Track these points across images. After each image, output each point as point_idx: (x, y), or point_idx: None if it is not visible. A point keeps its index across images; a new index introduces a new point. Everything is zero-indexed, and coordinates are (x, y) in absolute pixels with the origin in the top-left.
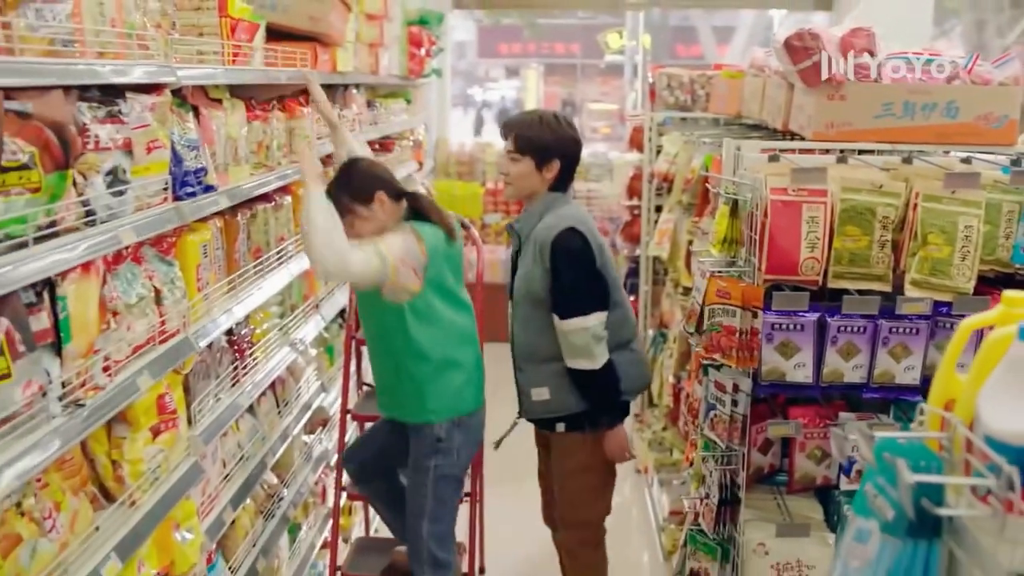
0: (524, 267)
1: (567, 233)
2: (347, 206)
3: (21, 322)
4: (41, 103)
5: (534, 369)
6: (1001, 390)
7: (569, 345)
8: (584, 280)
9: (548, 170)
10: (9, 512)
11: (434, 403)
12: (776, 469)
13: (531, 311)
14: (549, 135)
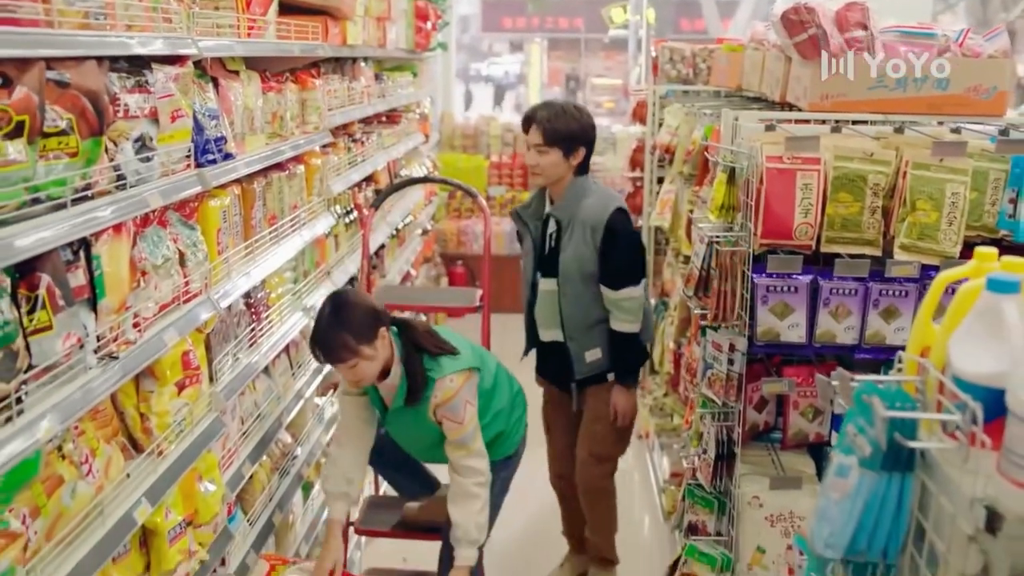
0: (573, 249)
1: (619, 214)
2: (353, 351)
3: (61, 278)
4: (78, 73)
5: (585, 335)
6: (970, 336)
7: (620, 311)
8: (635, 254)
9: (575, 157)
10: (52, 455)
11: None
12: (771, 427)
13: (583, 288)
14: (575, 125)
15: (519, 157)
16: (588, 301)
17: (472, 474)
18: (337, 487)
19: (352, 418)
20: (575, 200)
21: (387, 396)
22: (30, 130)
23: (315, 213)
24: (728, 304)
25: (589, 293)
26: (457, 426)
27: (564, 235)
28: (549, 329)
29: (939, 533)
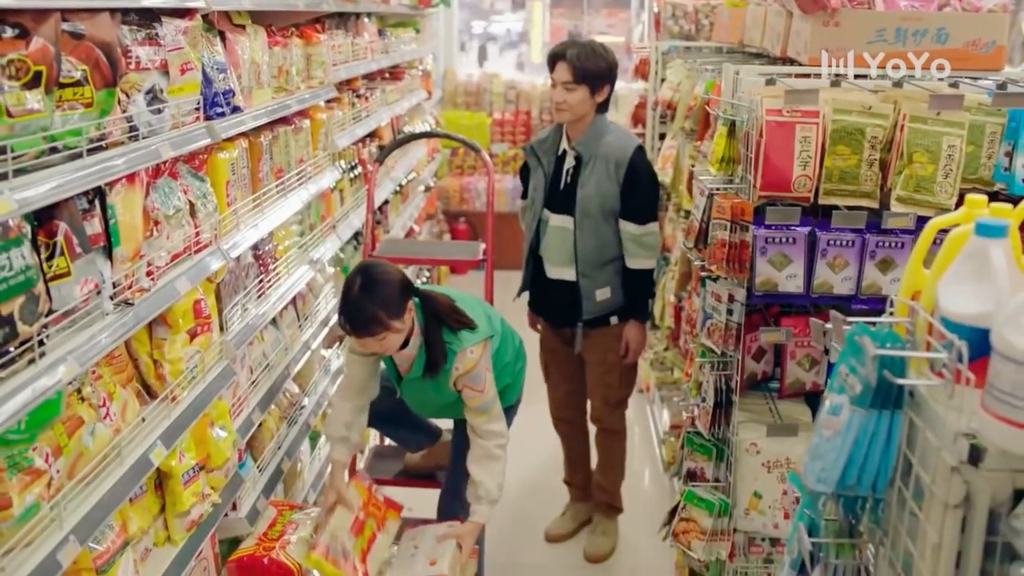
0: (595, 183)
1: (639, 152)
2: (384, 325)
3: (77, 226)
4: (92, 24)
5: (597, 273)
6: (958, 279)
7: (641, 246)
8: (655, 191)
9: (600, 95)
10: (72, 396)
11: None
12: (768, 376)
13: (603, 224)
14: (603, 63)
15: (521, 114)
16: (606, 238)
17: (494, 437)
18: (337, 432)
19: (357, 376)
20: (596, 137)
21: (402, 365)
22: (47, 80)
23: (320, 167)
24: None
25: (608, 229)
26: (478, 394)
27: (584, 171)
28: (559, 267)
29: (925, 466)
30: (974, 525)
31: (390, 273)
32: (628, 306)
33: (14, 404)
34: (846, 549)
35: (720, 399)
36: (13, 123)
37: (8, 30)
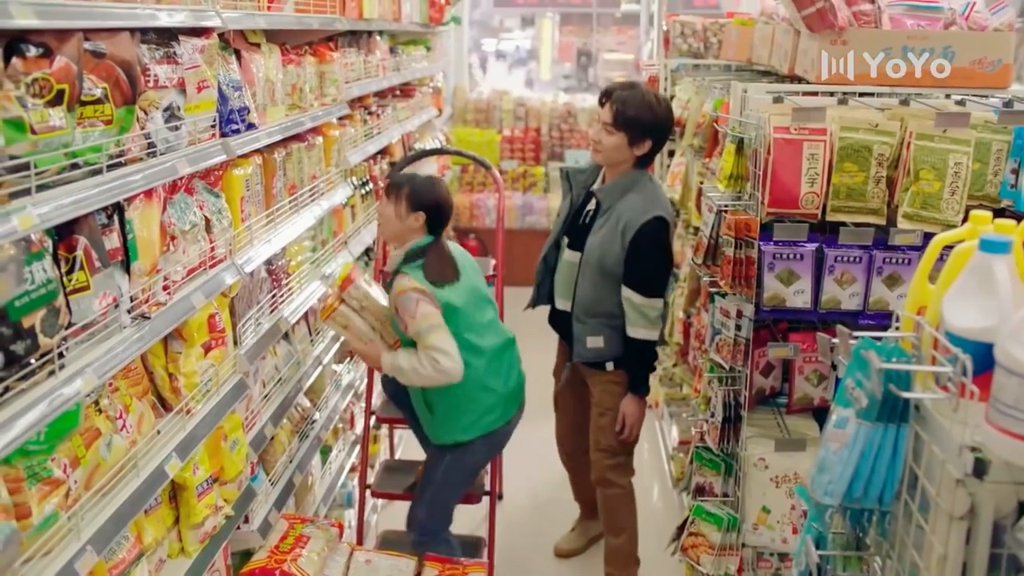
0: (601, 236)
1: (656, 223)
2: (394, 194)
3: (97, 241)
4: (112, 43)
5: (591, 321)
6: (963, 294)
7: (641, 316)
8: (664, 267)
9: (639, 148)
10: (90, 408)
11: (463, 426)
12: (777, 391)
13: (600, 278)
14: (648, 115)
15: (530, 131)
16: (603, 293)
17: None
18: None
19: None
20: (623, 190)
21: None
22: (69, 98)
23: (333, 183)
24: (740, 271)
25: (606, 286)
26: (410, 319)
27: (599, 218)
28: (562, 298)
29: (930, 479)
30: (979, 537)
31: (437, 187)
32: (628, 378)
33: (34, 415)
34: (853, 562)
35: (729, 414)
36: (36, 140)
37: (32, 49)
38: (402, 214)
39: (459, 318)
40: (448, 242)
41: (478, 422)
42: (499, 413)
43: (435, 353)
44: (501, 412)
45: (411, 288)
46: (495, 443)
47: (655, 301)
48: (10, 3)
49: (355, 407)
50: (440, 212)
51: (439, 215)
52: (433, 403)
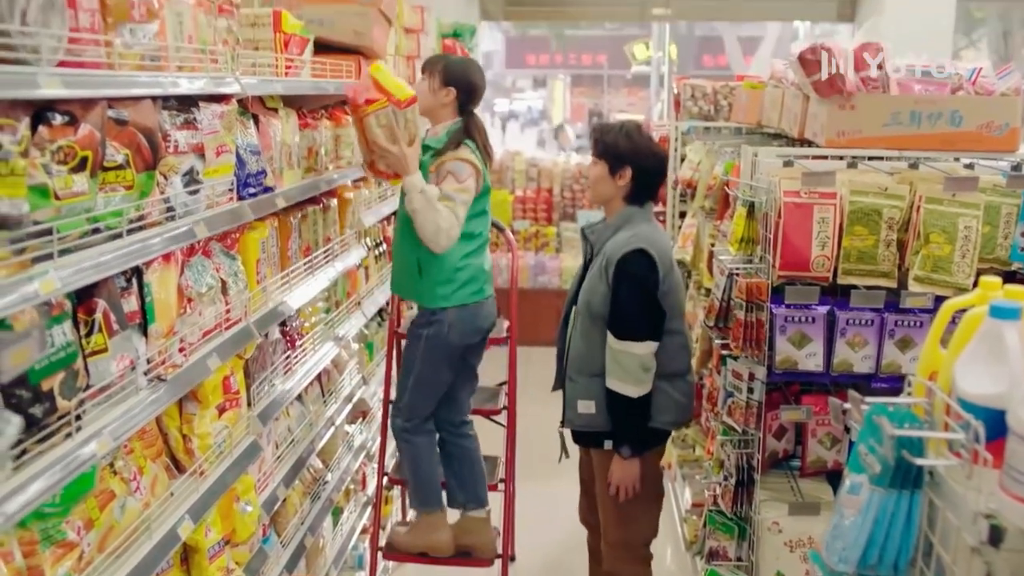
0: (590, 279)
1: (635, 255)
2: (428, 70)
3: (116, 304)
4: (135, 111)
5: (585, 381)
6: (974, 360)
7: (615, 364)
8: (642, 306)
9: (620, 177)
10: (105, 470)
11: (443, 293)
12: (790, 454)
13: (590, 324)
14: (624, 143)
15: (543, 192)
16: (593, 343)
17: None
18: None
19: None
20: (614, 228)
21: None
22: (92, 164)
23: (347, 245)
24: (751, 334)
25: (596, 335)
26: (454, 184)
27: (593, 262)
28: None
29: (945, 546)
30: None
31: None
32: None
33: (51, 478)
34: None
35: (742, 477)
36: (60, 205)
37: (58, 117)
38: (435, 88)
39: (482, 200)
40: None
41: (459, 291)
42: (477, 288)
43: (454, 219)
44: (479, 288)
45: (469, 161)
46: (468, 321)
47: (631, 346)
48: (39, 74)
49: (367, 468)
50: (471, 90)
51: (470, 93)
52: (424, 267)
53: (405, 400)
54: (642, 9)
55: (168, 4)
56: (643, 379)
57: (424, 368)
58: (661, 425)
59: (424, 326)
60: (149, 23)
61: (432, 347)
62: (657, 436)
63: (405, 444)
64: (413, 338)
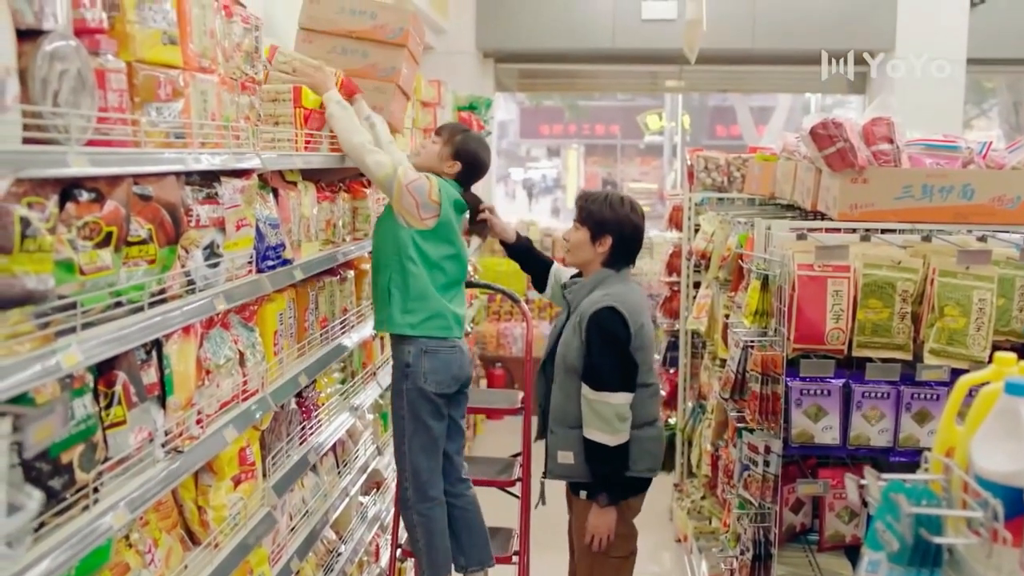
0: (566, 334)
1: (606, 312)
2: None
3: (135, 376)
4: (159, 187)
5: (564, 433)
6: (990, 436)
7: (592, 414)
8: (614, 360)
9: (601, 244)
10: (121, 543)
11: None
12: (807, 528)
13: (566, 378)
14: (607, 212)
15: (557, 260)
16: (570, 395)
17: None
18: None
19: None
20: (589, 288)
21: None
22: (117, 240)
23: (363, 316)
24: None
25: (572, 386)
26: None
27: (569, 319)
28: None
29: None
30: None
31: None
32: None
33: (67, 551)
34: None
35: (759, 551)
36: (84, 280)
37: (85, 194)
38: (444, 156)
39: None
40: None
41: (426, 322)
42: (444, 324)
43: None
44: (446, 324)
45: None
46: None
47: (607, 396)
48: (68, 153)
49: (380, 539)
50: (476, 170)
51: (474, 172)
52: (393, 292)
53: (408, 468)
54: (654, 81)
55: (193, 83)
56: (619, 428)
57: (415, 426)
58: (639, 473)
59: (401, 379)
60: (175, 102)
61: (413, 400)
62: (635, 486)
63: (421, 518)
64: (395, 398)
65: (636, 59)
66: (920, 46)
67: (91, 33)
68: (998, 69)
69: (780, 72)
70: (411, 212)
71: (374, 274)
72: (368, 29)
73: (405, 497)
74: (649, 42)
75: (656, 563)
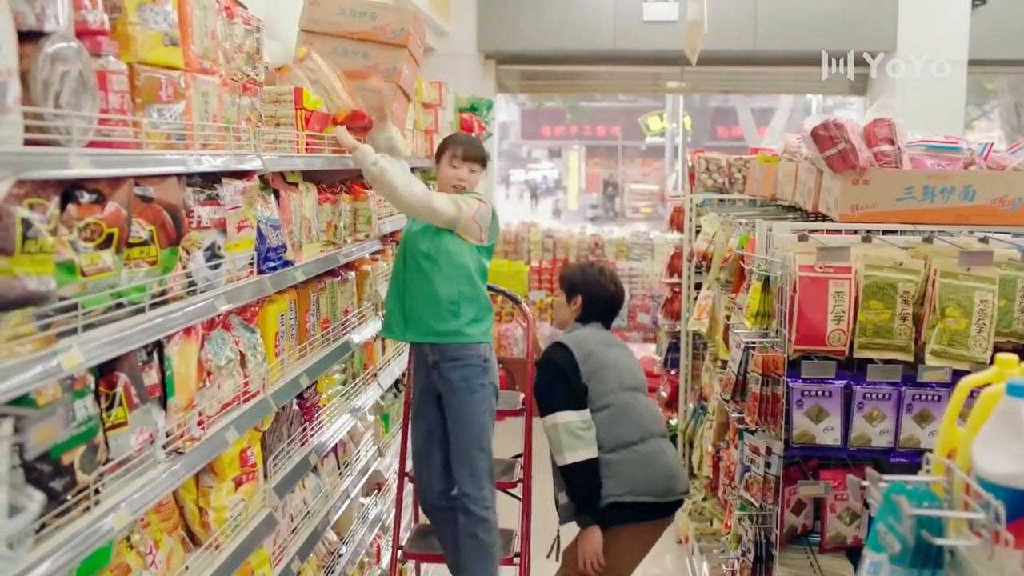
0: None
1: (553, 346)
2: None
3: (136, 378)
4: (160, 188)
5: (555, 477)
6: (992, 438)
7: (551, 441)
8: (557, 384)
9: (574, 304)
10: (122, 544)
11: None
12: (809, 530)
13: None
14: (578, 276)
15: (558, 262)
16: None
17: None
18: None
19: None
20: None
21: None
22: (118, 241)
23: (364, 318)
24: (767, 408)
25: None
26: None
27: None
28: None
29: None
30: None
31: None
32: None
33: (68, 553)
34: None
35: (760, 553)
36: (85, 282)
37: (86, 196)
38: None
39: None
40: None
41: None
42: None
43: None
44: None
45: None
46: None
47: (554, 417)
48: (70, 155)
49: (381, 540)
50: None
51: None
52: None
53: (480, 467)
54: (656, 82)
55: (195, 84)
56: (574, 444)
57: (490, 421)
58: (620, 498)
59: (481, 375)
60: (176, 103)
61: (490, 395)
62: (623, 511)
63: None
64: (468, 392)
65: (637, 60)
66: (921, 47)
67: (92, 35)
68: (999, 70)
69: (781, 73)
70: (474, 235)
71: (427, 285)
72: (369, 30)
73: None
74: (650, 43)
75: (657, 565)
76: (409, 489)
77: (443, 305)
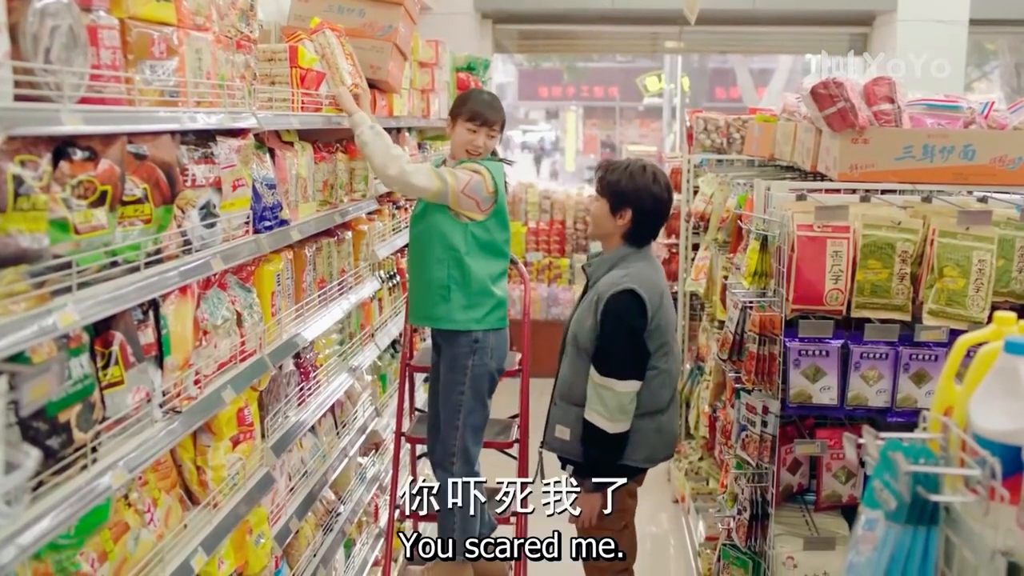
0: (580, 311)
1: (624, 295)
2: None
3: (132, 336)
4: (154, 146)
5: (565, 408)
6: (989, 395)
7: (596, 397)
8: (626, 347)
9: (621, 217)
10: (120, 502)
11: (475, 316)
12: (805, 488)
13: (576, 355)
14: (627, 183)
15: (556, 223)
16: (578, 374)
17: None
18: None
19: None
20: (609, 265)
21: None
22: (112, 199)
23: (361, 277)
24: (764, 368)
25: (580, 363)
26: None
27: (586, 295)
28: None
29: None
30: None
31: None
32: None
33: (66, 510)
34: None
35: (756, 511)
36: (79, 239)
37: (79, 153)
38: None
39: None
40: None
41: (489, 315)
42: (503, 314)
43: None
44: (502, 316)
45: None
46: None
47: (612, 383)
48: (61, 111)
49: (379, 500)
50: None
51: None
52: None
53: (458, 445)
54: (654, 42)
55: (188, 41)
56: (620, 418)
57: (474, 404)
58: (633, 463)
59: (467, 355)
60: (169, 60)
61: (477, 376)
62: (627, 473)
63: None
64: (455, 371)
65: (636, 20)
66: (922, 6)
67: None
68: (1000, 30)
69: (781, 33)
70: (471, 210)
71: (421, 269)
72: None
73: (446, 466)
74: (649, 3)
75: (654, 523)
76: (406, 449)
77: (433, 289)
